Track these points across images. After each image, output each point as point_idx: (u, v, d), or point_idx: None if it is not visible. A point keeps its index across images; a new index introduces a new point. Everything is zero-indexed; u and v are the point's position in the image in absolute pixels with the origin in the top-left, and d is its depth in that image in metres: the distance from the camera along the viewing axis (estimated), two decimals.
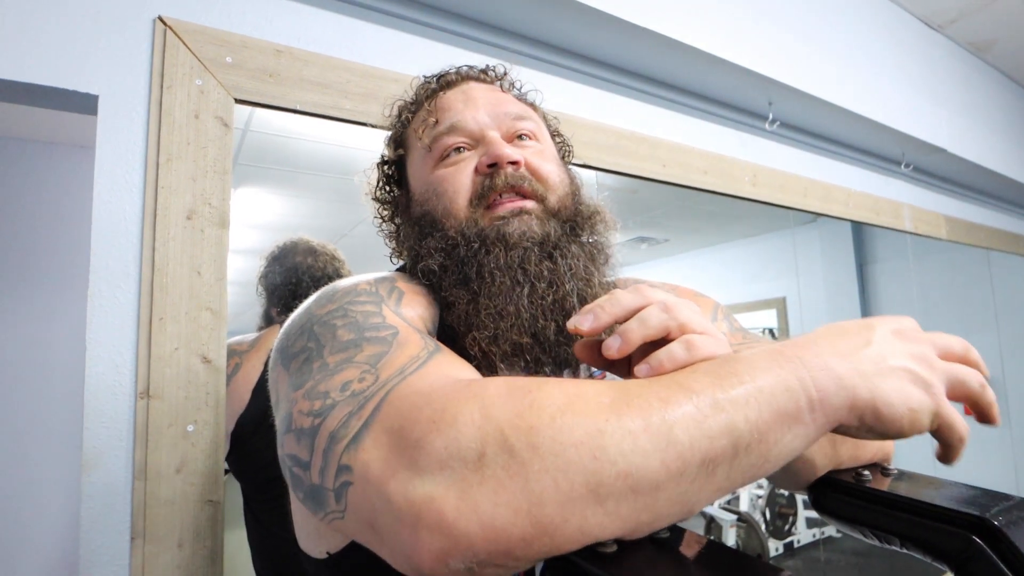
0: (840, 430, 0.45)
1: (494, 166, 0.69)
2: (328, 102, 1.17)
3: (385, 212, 0.83)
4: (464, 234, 0.68)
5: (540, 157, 0.73)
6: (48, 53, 0.95)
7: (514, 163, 0.69)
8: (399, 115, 0.82)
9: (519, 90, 0.84)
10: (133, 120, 1.00)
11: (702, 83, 1.81)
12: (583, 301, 0.66)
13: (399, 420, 0.43)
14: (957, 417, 0.47)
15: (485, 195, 0.69)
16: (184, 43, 1.04)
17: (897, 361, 0.46)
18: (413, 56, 1.33)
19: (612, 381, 0.44)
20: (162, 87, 1.01)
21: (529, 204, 0.69)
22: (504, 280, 0.65)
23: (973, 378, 0.49)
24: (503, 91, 0.80)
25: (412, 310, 0.64)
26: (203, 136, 1.03)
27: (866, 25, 2.25)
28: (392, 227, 0.83)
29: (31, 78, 0.93)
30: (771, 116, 2.01)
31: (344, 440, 0.44)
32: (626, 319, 0.50)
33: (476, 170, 0.70)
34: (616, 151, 1.60)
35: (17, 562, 2.18)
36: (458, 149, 0.72)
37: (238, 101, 1.08)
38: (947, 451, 0.49)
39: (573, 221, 0.72)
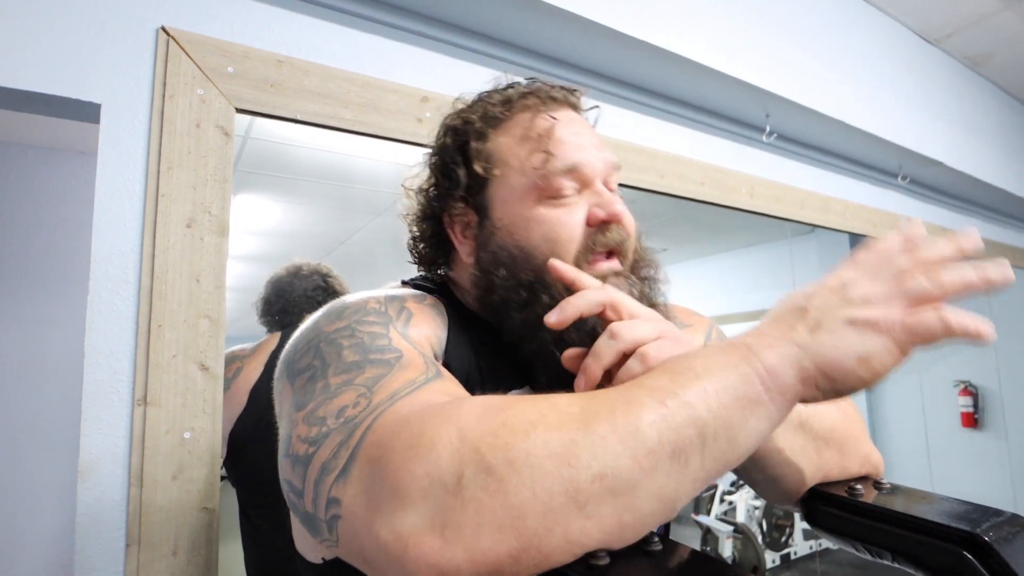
0: (807, 399, 0.47)
1: (607, 222, 0.68)
2: (328, 112, 1.18)
3: (418, 208, 0.78)
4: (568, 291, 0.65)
5: (629, 212, 0.72)
6: (52, 62, 0.96)
7: (621, 222, 0.69)
8: (483, 118, 0.74)
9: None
10: (135, 128, 1.01)
11: (700, 95, 1.82)
12: None
13: (380, 450, 0.43)
14: (926, 319, 0.44)
15: (593, 248, 0.68)
16: (186, 53, 1.04)
17: (835, 318, 0.46)
18: (412, 67, 1.34)
19: (582, 393, 0.46)
20: (164, 96, 1.02)
21: (620, 267, 0.69)
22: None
23: (923, 285, 0.46)
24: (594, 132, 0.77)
25: (420, 332, 0.64)
26: (204, 145, 1.04)
27: (863, 39, 2.27)
28: (425, 228, 0.78)
29: (35, 86, 0.94)
30: (768, 128, 2.02)
31: (334, 472, 0.45)
32: (591, 314, 0.56)
33: (588, 222, 0.68)
34: None
35: (12, 567, 2.18)
36: (568, 193, 0.69)
37: (239, 110, 1.09)
38: (967, 339, 0.45)
39: (642, 276, 0.71)
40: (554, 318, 0.56)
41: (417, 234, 0.80)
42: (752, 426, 0.44)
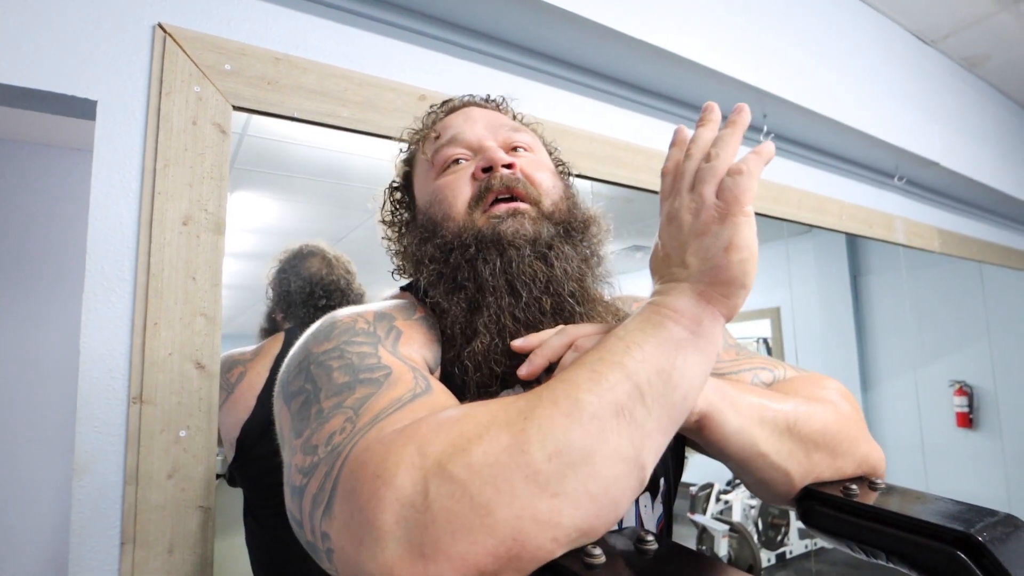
0: (732, 314, 0.51)
1: (489, 170, 0.71)
2: (326, 110, 1.17)
3: (393, 234, 0.84)
4: (461, 236, 0.69)
5: (534, 165, 0.76)
6: (48, 58, 0.96)
7: (508, 166, 0.71)
8: (409, 143, 0.85)
9: (520, 119, 0.86)
10: (131, 126, 1.00)
11: (698, 95, 1.82)
12: (579, 303, 0.68)
13: (352, 483, 0.44)
14: (730, 183, 0.50)
15: (482, 196, 0.70)
16: (183, 50, 1.04)
17: (686, 242, 0.52)
18: (410, 65, 1.34)
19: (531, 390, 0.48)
20: (160, 93, 1.01)
21: (523, 206, 0.71)
22: (502, 288, 0.66)
23: (713, 165, 0.51)
24: (502, 113, 0.84)
25: (410, 348, 0.64)
26: (200, 142, 1.04)
27: (861, 39, 2.27)
28: (400, 247, 0.83)
29: (31, 83, 0.94)
30: (766, 128, 2.02)
31: (321, 506, 0.46)
32: (558, 357, 0.58)
33: (473, 176, 0.72)
34: (611, 161, 1.61)
35: (7, 565, 2.17)
36: (457, 160, 0.75)
37: (236, 108, 1.08)
38: (765, 163, 0.52)
39: (567, 224, 0.73)
40: (524, 371, 0.59)
41: (395, 249, 0.84)
42: (682, 362, 0.48)
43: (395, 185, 0.86)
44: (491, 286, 0.66)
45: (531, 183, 0.73)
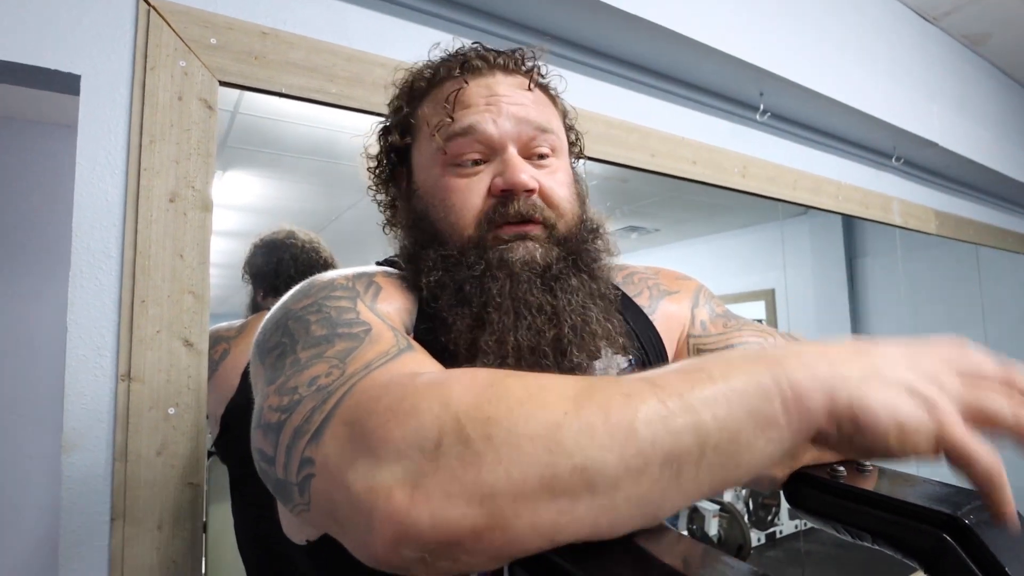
0: (820, 440, 0.42)
1: (508, 191, 0.66)
2: (314, 86, 1.16)
3: (381, 180, 0.79)
4: (467, 254, 0.66)
5: (555, 181, 0.70)
6: (30, 32, 0.94)
7: (529, 191, 0.67)
8: (410, 87, 0.76)
9: (544, 78, 0.78)
10: (116, 101, 0.99)
11: (693, 73, 1.80)
12: (580, 338, 0.66)
13: (358, 412, 0.43)
14: (974, 446, 0.39)
15: (495, 220, 0.66)
16: (168, 24, 1.02)
17: (894, 372, 0.41)
18: (400, 40, 1.31)
19: (581, 376, 0.44)
20: (145, 68, 1.00)
21: (535, 230, 0.67)
22: (508, 307, 0.64)
23: (999, 404, 0.41)
24: (528, 88, 0.73)
25: (389, 305, 0.63)
26: (186, 118, 1.02)
27: (859, 16, 2.25)
28: (387, 197, 0.79)
29: (13, 57, 0.92)
30: (762, 107, 2.00)
31: (307, 435, 0.44)
32: None
33: (489, 190, 0.67)
34: (606, 140, 1.59)
35: (1, 542, 2.18)
36: (475, 161, 0.68)
37: (222, 83, 1.07)
38: (981, 490, 0.40)
39: (576, 252, 0.70)
40: None
41: (384, 201, 0.80)
42: (760, 447, 0.39)
43: (389, 132, 0.77)
44: (498, 303, 0.63)
45: (550, 206, 0.68)
